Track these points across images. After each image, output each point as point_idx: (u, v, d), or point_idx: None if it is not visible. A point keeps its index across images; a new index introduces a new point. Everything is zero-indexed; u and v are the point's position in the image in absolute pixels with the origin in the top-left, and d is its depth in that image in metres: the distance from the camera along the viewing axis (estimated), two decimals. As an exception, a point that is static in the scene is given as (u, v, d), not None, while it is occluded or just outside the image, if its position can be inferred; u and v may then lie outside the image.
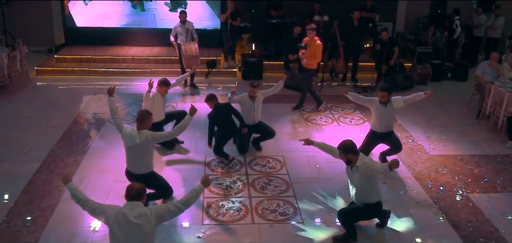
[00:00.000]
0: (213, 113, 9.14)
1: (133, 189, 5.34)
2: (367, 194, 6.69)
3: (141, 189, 5.39)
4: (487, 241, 6.96)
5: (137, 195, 5.29)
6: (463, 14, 16.40)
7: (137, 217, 5.09)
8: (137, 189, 5.35)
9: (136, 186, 5.41)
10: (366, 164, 6.58)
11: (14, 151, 9.32)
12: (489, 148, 10.10)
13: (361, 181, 6.61)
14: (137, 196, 5.29)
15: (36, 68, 14.41)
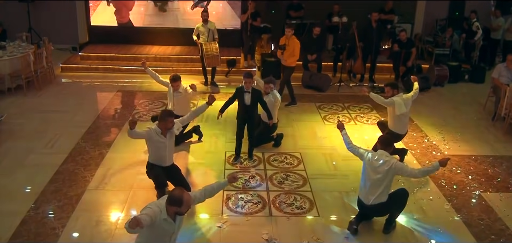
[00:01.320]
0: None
1: (170, 195, 5.39)
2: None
3: (177, 197, 5.34)
4: (498, 238, 7.14)
5: (170, 201, 5.34)
6: (480, 16, 16.49)
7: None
8: (172, 196, 5.36)
9: (174, 192, 5.42)
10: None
11: (41, 143, 9.67)
12: (504, 149, 10.25)
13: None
14: (169, 202, 5.34)
15: (61, 65, 14.81)
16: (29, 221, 7.11)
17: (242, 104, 8.96)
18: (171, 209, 5.33)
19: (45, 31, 15.49)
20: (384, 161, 6.68)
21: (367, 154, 6.89)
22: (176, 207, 5.31)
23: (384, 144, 6.91)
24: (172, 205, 5.31)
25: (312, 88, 13.66)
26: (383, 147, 6.86)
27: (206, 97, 12.45)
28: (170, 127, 7.39)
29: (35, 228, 6.97)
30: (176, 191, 5.41)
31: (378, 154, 6.78)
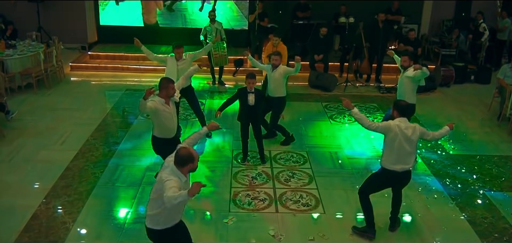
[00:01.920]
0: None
1: (178, 154, 5.22)
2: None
3: (186, 156, 5.22)
4: (501, 236, 7.23)
5: (179, 162, 5.20)
6: (486, 17, 16.55)
7: (160, 174, 5.26)
8: (181, 155, 5.21)
9: (182, 152, 5.24)
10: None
11: (51, 140, 9.84)
12: (508, 149, 10.33)
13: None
14: (178, 163, 5.20)
15: (71, 64, 14.99)
16: (40, 215, 7.27)
17: (246, 105, 8.96)
18: (185, 169, 5.24)
19: (54, 31, 15.63)
20: (411, 128, 6.61)
21: (395, 126, 6.55)
22: (190, 164, 5.23)
23: (404, 110, 6.71)
24: (186, 164, 5.21)
25: (318, 88, 13.78)
26: (402, 113, 6.66)
27: (214, 96, 12.74)
28: (172, 93, 7.38)
29: (46, 222, 7.13)
30: (183, 151, 5.26)
31: (404, 122, 6.60)
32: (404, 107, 6.74)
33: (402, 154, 6.58)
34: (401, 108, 6.71)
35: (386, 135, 6.63)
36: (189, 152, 5.25)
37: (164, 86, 7.30)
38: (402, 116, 6.63)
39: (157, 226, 5.34)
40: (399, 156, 6.58)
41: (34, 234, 6.84)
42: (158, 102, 7.28)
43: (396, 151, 6.54)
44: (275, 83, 9.64)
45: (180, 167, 5.20)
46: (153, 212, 5.30)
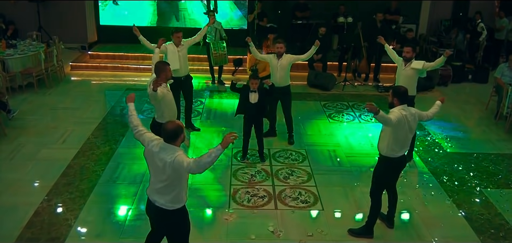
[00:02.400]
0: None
1: (166, 129, 5.21)
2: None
3: (176, 129, 5.22)
4: (498, 233, 7.33)
5: (170, 136, 5.20)
6: (484, 17, 16.68)
7: (161, 160, 5.19)
8: (170, 129, 5.20)
9: (170, 126, 5.23)
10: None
11: (53, 139, 9.92)
12: (505, 147, 10.43)
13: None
14: (170, 138, 5.20)
15: (71, 64, 15.08)
16: (42, 212, 7.35)
17: (247, 102, 9.01)
18: (178, 142, 5.23)
19: (54, 30, 15.72)
20: (412, 114, 6.67)
21: (404, 117, 6.52)
22: (181, 135, 5.24)
23: (404, 96, 6.68)
24: (178, 137, 5.21)
25: (317, 87, 13.89)
26: (402, 100, 6.64)
27: (213, 95, 12.83)
28: (169, 76, 7.59)
29: (48, 219, 7.21)
30: (170, 125, 5.24)
31: (406, 109, 6.62)
32: (404, 93, 6.68)
33: (406, 141, 6.70)
34: (401, 94, 6.65)
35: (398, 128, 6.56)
36: (176, 124, 5.28)
37: (162, 69, 7.43)
38: (402, 103, 6.62)
39: (179, 204, 5.37)
40: (404, 143, 6.69)
41: (36, 231, 6.92)
42: (163, 88, 7.44)
43: (402, 139, 6.62)
44: (282, 72, 9.67)
45: (173, 142, 5.20)
46: (169, 197, 5.29)
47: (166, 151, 5.18)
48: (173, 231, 5.57)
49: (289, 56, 9.73)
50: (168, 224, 5.49)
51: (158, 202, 5.33)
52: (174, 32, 10.03)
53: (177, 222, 5.47)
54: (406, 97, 6.70)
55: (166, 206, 5.31)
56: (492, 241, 7.13)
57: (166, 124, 5.28)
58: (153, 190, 5.40)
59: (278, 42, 9.72)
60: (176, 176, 5.19)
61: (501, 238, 7.19)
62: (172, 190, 5.26)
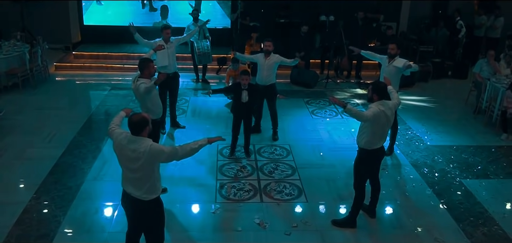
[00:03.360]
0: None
1: (132, 122, 5.33)
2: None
3: (141, 121, 5.34)
4: (477, 220, 7.59)
5: (137, 128, 5.31)
6: (463, 14, 17.00)
7: (132, 151, 5.29)
8: (136, 121, 5.32)
9: (135, 118, 5.35)
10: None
11: (39, 138, 10.00)
12: (484, 139, 10.72)
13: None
14: (136, 129, 5.32)
15: (55, 64, 15.14)
16: (31, 210, 7.45)
17: (239, 102, 9.10)
18: (144, 133, 5.35)
19: (38, 31, 15.71)
20: (390, 109, 6.84)
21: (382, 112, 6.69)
22: (147, 127, 5.35)
23: (383, 91, 6.88)
24: (144, 128, 5.33)
25: (300, 84, 14.10)
26: (381, 95, 6.82)
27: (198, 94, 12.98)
28: (153, 72, 7.65)
29: (37, 216, 7.31)
30: (135, 117, 5.36)
31: (384, 105, 6.78)
32: (383, 89, 6.89)
33: (384, 134, 6.94)
34: (380, 90, 6.83)
35: (375, 123, 6.74)
36: (141, 116, 5.41)
37: (146, 65, 7.52)
38: (381, 98, 6.80)
39: (154, 194, 5.50)
40: (382, 136, 6.92)
41: (26, 228, 7.01)
42: (148, 83, 7.52)
43: (380, 132, 6.83)
44: (269, 71, 9.89)
45: (140, 133, 5.32)
46: (144, 188, 5.41)
47: (136, 142, 5.32)
48: (150, 221, 5.71)
49: (277, 57, 9.94)
50: (145, 215, 5.61)
51: (134, 194, 5.46)
52: (163, 29, 10.15)
53: (153, 212, 5.61)
54: (385, 93, 6.92)
55: (142, 197, 5.45)
56: (471, 228, 7.37)
57: (131, 117, 5.41)
58: (127, 182, 5.53)
59: (266, 41, 9.89)
60: (149, 166, 5.31)
61: (480, 225, 7.44)
62: (146, 181, 5.39)
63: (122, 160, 5.51)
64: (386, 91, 6.96)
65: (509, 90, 10.70)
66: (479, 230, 7.32)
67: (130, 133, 5.39)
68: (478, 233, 7.25)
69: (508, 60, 12.77)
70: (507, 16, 16.83)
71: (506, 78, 11.84)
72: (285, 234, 7.05)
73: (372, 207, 7.50)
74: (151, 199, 5.47)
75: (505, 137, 10.72)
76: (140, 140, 5.32)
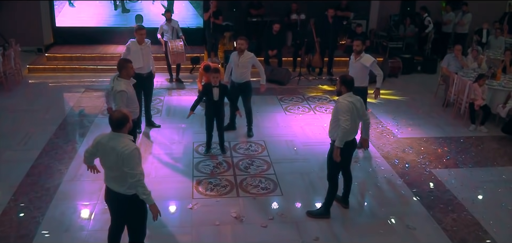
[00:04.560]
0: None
1: (113, 119, 5.47)
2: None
3: (122, 118, 5.47)
4: (447, 207, 7.88)
5: (117, 125, 5.45)
6: (432, 11, 17.44)
7: (111, 148, 5.43)
8: (117, 118, 5.46)
9: (116, 115, 5.49)
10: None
11: (14, 141, 9.98)
12: (453, 131, 11.07)
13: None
14: (117, 126, 5.45)
15: (28, 66, 15.06)
16: (10, 212, 7.47)
17: (211, 100, 9.24)
18: (125, 130, 5.49)
19: (9, 33, 15.65)
20: (359, 100, 7.12)
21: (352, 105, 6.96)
22: (127, 124, 5.49)
23: (351, 84, 7.08)
24: (124, 126, 5.47)
25: (273, 82, 14.29)
26: (349, 88, 7.05)
27: (172, 93, 13.08)
28: (132, 73, 7.78)
29: (16, 217, 7.33)
30: (117, 114, 5.53)
31: (352, 96, 7.03)
32: (351, 81, 7.09)
33: (355, 127, 7.20)
34: (348, 83, 7.05)
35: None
36: (122, 113, 5.53)
37: (124, 66, 7.61)
38: (349, 90, 7.04)
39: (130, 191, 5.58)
40: (354, 129, 7.16)
41: (5, 229, 7.03)
42: (124, 84, 7.61)
43: (352, 126, 7.03)
44: (243, 69, 10.02)
45: (120, 130, 5.45)
46: (127, 185, 5.49)
47: (115, 140, 5.44)
48: (132, 216, 5.82)
49: (252, 57, 10.08)
50: (127, 209, 5.73)
51: (117, 189, 5.60)
52: (137, 30, 10.18)
53: (135, 206, 5.71)
54: (353, 86, 7.14)
55: (125, 192, 5.56)
56: (441, 214, 7.66)
57: (112, 113, 5.54)
58: (109, 178, 5.66)
59: (239, 39, 10.03)
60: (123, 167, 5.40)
61: (449, 212, 7.73)
62: (128, 178, 5.47)
63: (102, 159, 5.65)
64: (353, 84, 7.16)
65: (476, 83, 11.05)
66: (449, 216, 7.59)
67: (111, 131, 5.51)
68: (448, 219, 7.53)
69: (475, 55, 13.15)
70: (474, 12, 17.32)
71: (473, 72, 12.22)
72: (261, 226, 7.21)
73: (345, 197, 7.73)
74: (134, 194, 5.57)
75: (473, 128, 11.07)
76: (119, 137, 5.44)
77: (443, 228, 7.30)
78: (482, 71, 12.12)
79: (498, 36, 16.19)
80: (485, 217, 7.60)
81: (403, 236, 7.11)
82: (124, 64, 7.75)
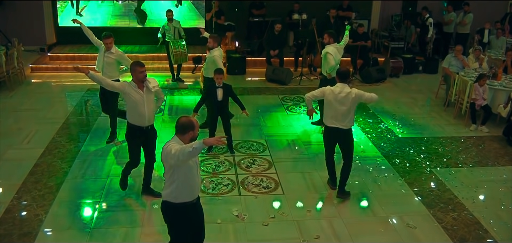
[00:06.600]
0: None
1: (177, 123, 5.43)
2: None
3: (188, 123, 5.40)
4: (447, 206, 7.92)
5: (181, 129, 5.38)
6: (433, 11, 17.47)
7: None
8: (183, 123, 5.40)
9: (182, 120, 5.44)
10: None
11: (18, 140, 10.04)
12: (454, 130, 11.11)
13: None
14: (180, 130, 5.38)
15: (31, 66, 15.11)
16: (13, 210, 7.53)
17: (215, 100, 9.29)
18: (186, 137, 5.35)
19: (12, 32, 15.70)
20: (346, 92, 7.45)
21: (330, 90, 7.58)
22: (190, 132, 5.35)
23: (343, 76, 7.62)
24: (187, 131, 5.35)
25: (275, 82, 14.34)
26: (341, 79, 7.59)
27: (174, 93, 13.13)
28: (140, 77, 7.25)
29: (19, 215, 7.39)
30: (183, 118, 5.45)
31: (340, 87, 7.52)
32: (341, 73, 7.66)
33: (337, 114, 7.54)
34: (339, 74, 7.66)
35: (324, 98, 7.68)
36: (189, 119, 5.43)
37: (132, 69, 7.33)
38: (341, 81, 7.56)
39: (172, 199, 5.51)
40: (335, 115, 7.55)
41: (8, 227, 7.09)
42: (128, 85, 7.34)
43: (332, 111, 7.54)
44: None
45: (180, 135, 5.36)
46: (167, 190, 5.49)
47: (172, 143, 5.37)
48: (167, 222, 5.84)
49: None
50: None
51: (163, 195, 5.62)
52: (103, 37, 9.75)
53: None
54: (345, 77, 7.64)
55: (165, 197, 5.58)
56: (441, 213, 7.70)
57: (180, 117, 5.51)
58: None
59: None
60: (170, 168, 5.39)
61: (450, 211, 7.78)
62: (170, 182, 5.46)
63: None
64: (346, 74, 7.67)
65: (477, 83, 11.09)
66: (449, 215, 7.64)
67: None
68: (448, 218, 7.58)
69: (478, 54, 13.17)
70: (476, 12, 17.33)
71: (474, 72, 12.25)
72: (262, 224, 7.26)
73: (340, 183, 7.99)
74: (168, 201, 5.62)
75: (474, 128, 11.11)
76: (172, 141, 5.42)
77: (444, 227, 7.35)
78: (483, 71, 12.15)
79: (500, 36, 16.21)
80: (485, 216, 7.65)
81: (403, 235, 7.15)
82: (133, 68, 7.36)
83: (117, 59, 9.71)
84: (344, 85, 7.50)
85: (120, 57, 9.76)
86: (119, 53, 9.76)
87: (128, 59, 9.80)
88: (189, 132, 5.37)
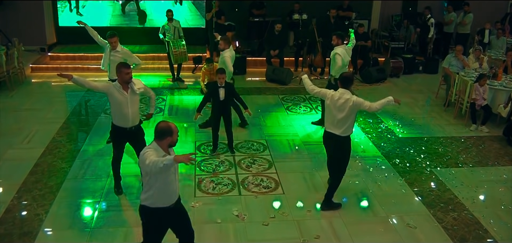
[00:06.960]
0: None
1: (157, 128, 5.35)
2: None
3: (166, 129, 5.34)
4: (447, 205, 7.93)
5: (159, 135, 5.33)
6: (433, 11, 17.47)
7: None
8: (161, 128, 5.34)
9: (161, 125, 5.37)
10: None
11: (18, 139, 10.04)
12: (454, 130, 11.11)
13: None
14: (158, 136, 5.33)
15: (31, 65, 15.10)
16: (13, 209, 7.53)
17: (217, 100, 9.30)
18: (164, 143, 5.32)
19: (12, 32, 15.66)
20: (344, 98, 7.20)
21: (330, 94, 7.36)
22: (168, 137, 5.30)
23: (344, 80, 7.34)
24: (164, 137, 5.30)
25: (275, 81, 14.35)
26: (343, 84, 7.31)
27: (174, 92, 13.14)
28: (126, 79, 7.22)
29: (19, 215, 7.39)
30: (162, 123, 5.38)
31: (340, 92, 7.28)
32: (344, 78, 7.39)
33: (333, 120, 7.35)
34: (341, 79, 7.42)
35: (325, 100, 7.51)
36: (168, 125, 5.35)
37: (118, 70, 7.28)
38: (343, 87, 7.31)
39: (149, 204, 5.49)
40: (333, 121, 7.37)
41: (8, 226, 7.09)
42: (113, 86, 7.32)
43: (330, 116, 7.39)
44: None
45: (159, 140, 5.32)
46: (145, 195, 5.49)
47: (150, 147, 5.37)
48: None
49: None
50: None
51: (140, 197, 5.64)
52: (107, 37, 9.96)
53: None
54: (347, 83, 7.37)
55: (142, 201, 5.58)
56: (442, 213, 7.71)
57: (159, 122, 5.47)
58: None
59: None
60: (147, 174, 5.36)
61: (450, 211, 7.79)
62: (148, 188, 5.44)
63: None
64: (348, 80, 7.39)
65: (477, 83, 11.09)
66: (449, 215, 7.65)
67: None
68: (448, 217, 7.58)
69: (478, 55, 13.17)
70: (476, 12, 17.33)
71: (474, 72, 12.26)
72: (263, 224, 7.27)
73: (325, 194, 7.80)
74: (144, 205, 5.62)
75: (474, 128, 11.12)
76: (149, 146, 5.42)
77: (444, 227, 7.35)
78: (483, 71, 12.16)
79: (500, 37, 16.21)
80: (485, 216, 7.66)
81: (403, 235, 7.16)
82: (119, 69, 7.31)
83: (123, 57, 9.79)
84: (345, 91, 7.24)
85: (126, 55, 9.92)
86: (124, 51, 9.96)
87: (134, 56, 10.05)
88: (167, 138, 5.33)
